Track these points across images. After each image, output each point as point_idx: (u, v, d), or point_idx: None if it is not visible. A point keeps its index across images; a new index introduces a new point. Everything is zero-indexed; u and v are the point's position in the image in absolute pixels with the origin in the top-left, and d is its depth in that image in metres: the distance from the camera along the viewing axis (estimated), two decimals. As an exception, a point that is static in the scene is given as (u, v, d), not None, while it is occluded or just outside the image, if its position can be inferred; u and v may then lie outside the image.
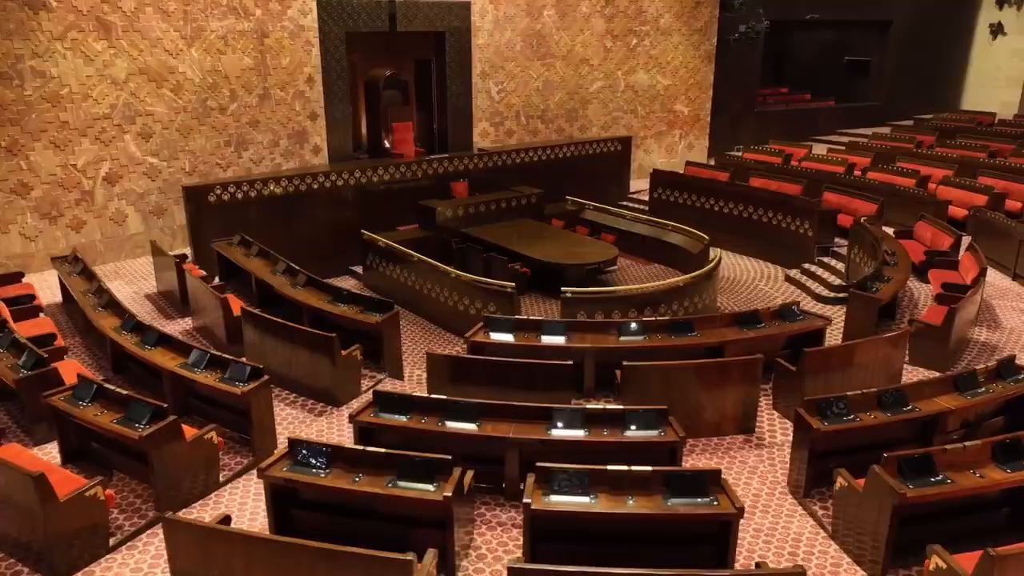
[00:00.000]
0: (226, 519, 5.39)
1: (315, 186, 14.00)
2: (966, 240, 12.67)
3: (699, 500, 5.47)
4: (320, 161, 15.36)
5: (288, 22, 14.40)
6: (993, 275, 12.59)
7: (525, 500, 5.41)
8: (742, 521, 6.55)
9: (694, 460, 7.58)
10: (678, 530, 5.62)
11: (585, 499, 5.48)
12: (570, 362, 7.94)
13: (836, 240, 14.24)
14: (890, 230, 13.82)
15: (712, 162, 19.27)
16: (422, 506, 5.56)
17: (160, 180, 13.51)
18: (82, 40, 12.28)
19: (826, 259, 13.81)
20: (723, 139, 20.77)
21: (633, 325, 8.93)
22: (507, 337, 8.87)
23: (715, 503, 5.45)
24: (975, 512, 6.21)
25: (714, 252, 12.39)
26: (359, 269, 13.84)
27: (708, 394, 7.86)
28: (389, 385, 9.23)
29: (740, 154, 19.12)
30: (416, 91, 17.66)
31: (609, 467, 5.61)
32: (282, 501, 6.01)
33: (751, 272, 14.12)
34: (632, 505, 5.44)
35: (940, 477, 5.73)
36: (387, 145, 16.53)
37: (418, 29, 16.05)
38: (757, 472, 7.38)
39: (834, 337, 10.49)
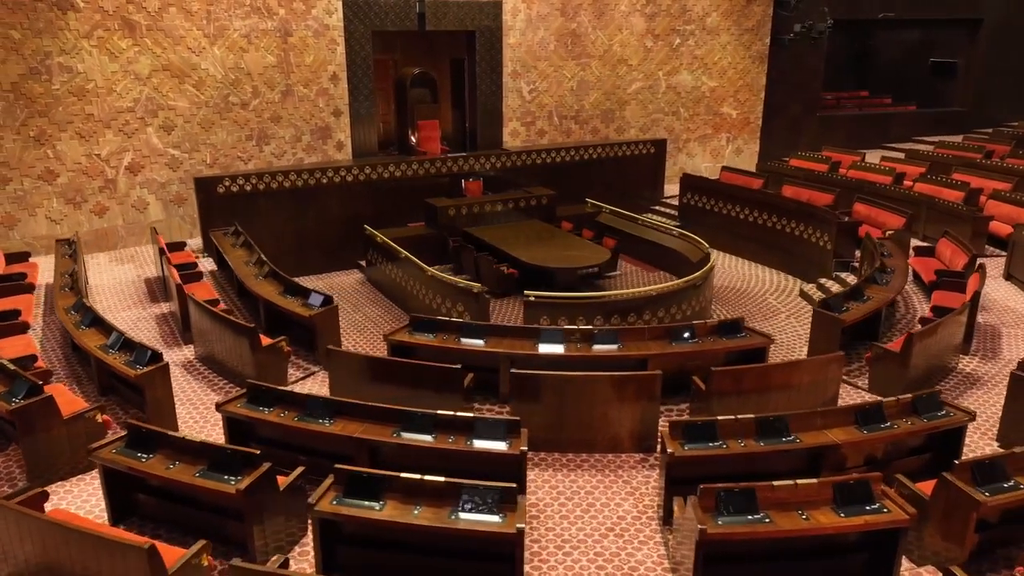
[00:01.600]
0: (42, 495, 5.66)
1: (324, 181, 14.39)
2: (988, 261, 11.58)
3: (488, 517, 5.28)
4: (344, 156, 15.76)
5: (312, 21, 14.85)
6: (1022, 301, 11.47)
7: (309, 501, 5.40)
8: (590, 543, 6.34)
9: (576, 476, 7.30)
10: (467, 545, 5.45)
11: (373, 505, 5.41)
12: (458, 366, 7.80)
13: (857, 254, 13.31)
14: (916, 245, 12.86)
15: (755, 168, 18.38)
16: (221, 498, 5.65)
17: (181, 171, 14.26)
18: (107, 38, 13.13)
19: (843, 274, 12.92)
20: (780, 144, 19.76)
21: (553, 333, 8.69)
22: (428, 337, 8.83)
23: (503, 521, 5.25)
24: (827, 556, 5.68)
25: (714, 260, 11.87)
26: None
27: (603, 408, 7.54)
28: (321, 377, 9.39)
29: (787, 161, 18.14)
30: (452, 90, 17.82)
31: (402, 475, 5.51)
32: (122, 484, 6.26)
33: (766, 284, 13.42)
34: (416, 515, 5.32)
35: (759, 515, 5.28)
36: (413, 142, 16.75)
37: (447, 28, 16.17)
38: (636, 494, 7.03)
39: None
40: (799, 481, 5.41)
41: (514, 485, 5.39)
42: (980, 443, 7.80)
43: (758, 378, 7.76)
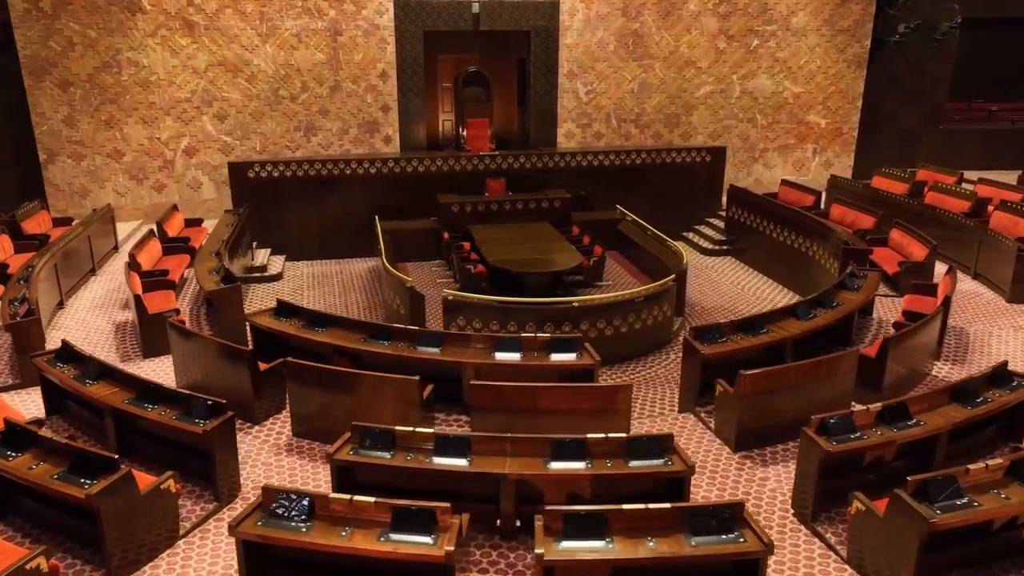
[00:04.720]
0: None
1: (348, 172, 15.12)
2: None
3: (80, 481, 5.64)
4: (392, 150, 16.50)
5: (362, 21, 15.70)
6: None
7: (-33, 447, 6.08)
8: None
9: (322, 470, 7.36)
10: (65, 505, 5.84)
11: (13, 456, 5.98)
12: (248, 348, 8.11)
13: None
14: (920, 282, 11.06)
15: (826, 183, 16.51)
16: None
17: (232, 155, 15.78)
18: (170, 37, 14.90)
19: (845, 306, 11.42)
20: (888, 159, 17.50)
21: (385, 331, 8.72)
22: (281, 322, 9.21)
23: (87, 487, 5.57)
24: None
25: (671, 278, 11.08)
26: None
27: (367, 409, 7.50)
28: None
29: (869, 181, 16.11)
30: (518, 89, 17.88)
31: (52, 437, 6.01)
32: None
33: (773, 307, 12.19)
34: (32, 470, 5.81)
35: (302, 525, 5.14)
36: (462, 140, 17.08)
37: (502, 28, 16.30)
38: (358, 495, 6.96)
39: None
40: (355, 498, 5.17)
41: (115, 456, 5.69)
42: (778, 507, 6.77)
43: (521, 397, 7.28)
